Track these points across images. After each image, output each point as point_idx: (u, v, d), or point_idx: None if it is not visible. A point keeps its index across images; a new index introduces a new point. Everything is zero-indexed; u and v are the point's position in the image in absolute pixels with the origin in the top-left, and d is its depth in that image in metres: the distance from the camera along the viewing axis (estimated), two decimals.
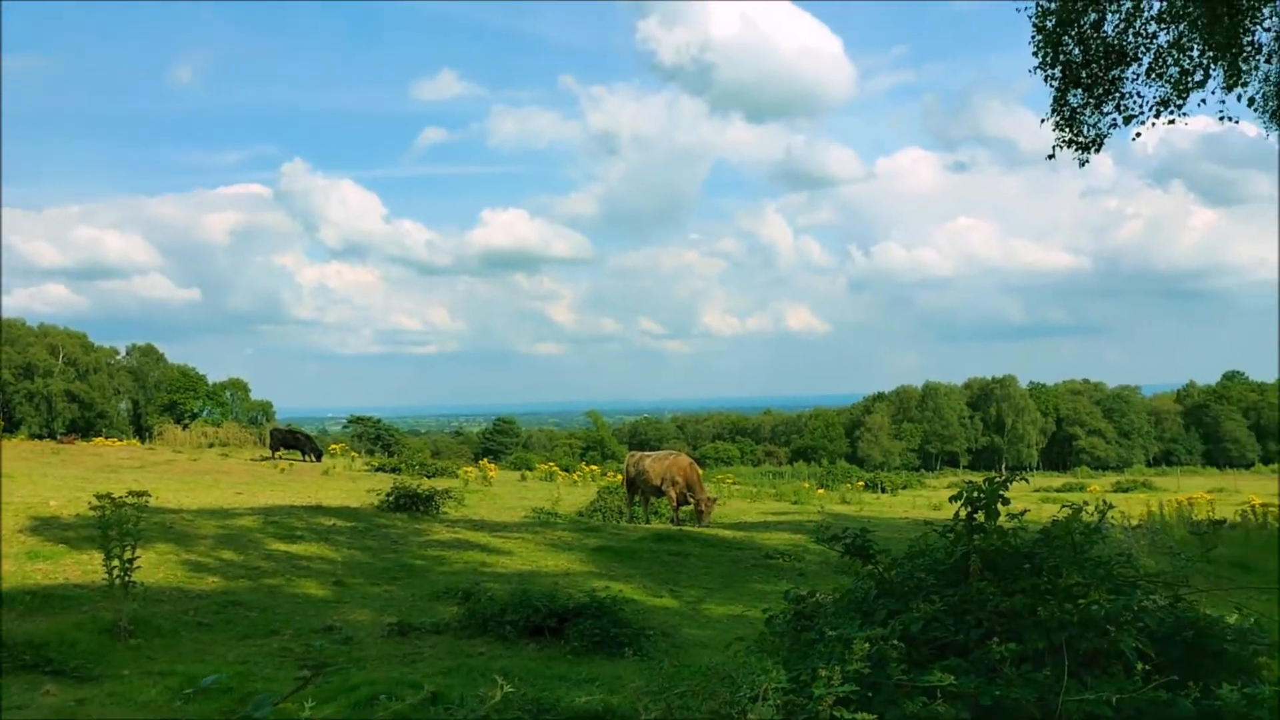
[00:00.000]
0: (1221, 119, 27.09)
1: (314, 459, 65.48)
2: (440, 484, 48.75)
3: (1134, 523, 38.19)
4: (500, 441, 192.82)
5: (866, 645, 9.86)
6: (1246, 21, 27.29)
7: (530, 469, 77.22)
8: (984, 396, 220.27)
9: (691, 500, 41.52)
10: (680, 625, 21.53)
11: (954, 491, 11.92)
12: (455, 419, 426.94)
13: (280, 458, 64.75)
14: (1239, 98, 27.83)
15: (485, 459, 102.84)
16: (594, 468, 77.43)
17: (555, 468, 72.19)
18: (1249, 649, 10.44)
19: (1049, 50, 28.07)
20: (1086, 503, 12.11)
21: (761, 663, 11.21)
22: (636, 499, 43.45)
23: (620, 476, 56.83)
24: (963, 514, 11.81)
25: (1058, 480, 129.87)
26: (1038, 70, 28.09)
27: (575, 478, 67.22)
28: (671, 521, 41.44)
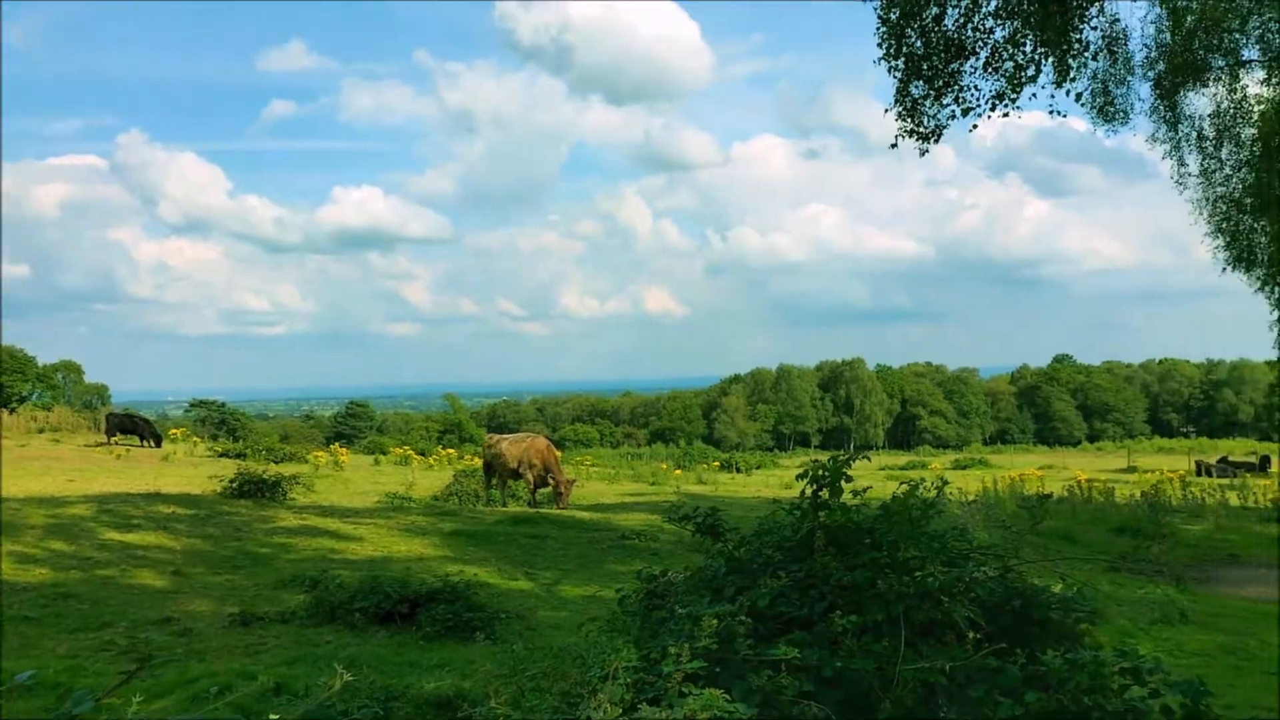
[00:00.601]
0: (1052, 114, 27.72)
1: (153, 444, 62.94)
2: (289, 469, 48.21)
3: (970, 498, 39.00)
4: (353, 425, 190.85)
5: (715, 622, 10.07)
6: (1076, 19, 28.00)
7: (384, 453, 76.60)
8: (834, 379, 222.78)
9: (550, 482, 41.57)
10: (536, 608, 21.57)
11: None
12: (306, 403, 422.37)
13: (116, 443, 62.58)
14: (1068, 93, 28.58)
15: (337, 444, 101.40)
16: (451, 451, 76.83)
17: (410, 452, 71.43)
18: (1071, 616, 10.90)
19: (893, 42, 28.55)
20: (923, 480, 12.53)
21: (613, 642, 11.39)
22: (494, 482, 43.28)
23: (478, 460, 56.60)
24: (808, 492, 12.09)
25: (902, 459, 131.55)
26: (883, 61, 28.55)
27: (431, 462, 66.66)
28: (529, 504, 41.45)
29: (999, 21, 27.98)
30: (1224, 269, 38.68)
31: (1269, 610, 22.94)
